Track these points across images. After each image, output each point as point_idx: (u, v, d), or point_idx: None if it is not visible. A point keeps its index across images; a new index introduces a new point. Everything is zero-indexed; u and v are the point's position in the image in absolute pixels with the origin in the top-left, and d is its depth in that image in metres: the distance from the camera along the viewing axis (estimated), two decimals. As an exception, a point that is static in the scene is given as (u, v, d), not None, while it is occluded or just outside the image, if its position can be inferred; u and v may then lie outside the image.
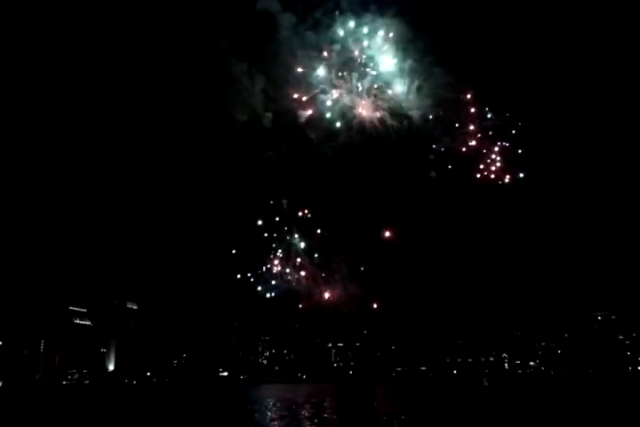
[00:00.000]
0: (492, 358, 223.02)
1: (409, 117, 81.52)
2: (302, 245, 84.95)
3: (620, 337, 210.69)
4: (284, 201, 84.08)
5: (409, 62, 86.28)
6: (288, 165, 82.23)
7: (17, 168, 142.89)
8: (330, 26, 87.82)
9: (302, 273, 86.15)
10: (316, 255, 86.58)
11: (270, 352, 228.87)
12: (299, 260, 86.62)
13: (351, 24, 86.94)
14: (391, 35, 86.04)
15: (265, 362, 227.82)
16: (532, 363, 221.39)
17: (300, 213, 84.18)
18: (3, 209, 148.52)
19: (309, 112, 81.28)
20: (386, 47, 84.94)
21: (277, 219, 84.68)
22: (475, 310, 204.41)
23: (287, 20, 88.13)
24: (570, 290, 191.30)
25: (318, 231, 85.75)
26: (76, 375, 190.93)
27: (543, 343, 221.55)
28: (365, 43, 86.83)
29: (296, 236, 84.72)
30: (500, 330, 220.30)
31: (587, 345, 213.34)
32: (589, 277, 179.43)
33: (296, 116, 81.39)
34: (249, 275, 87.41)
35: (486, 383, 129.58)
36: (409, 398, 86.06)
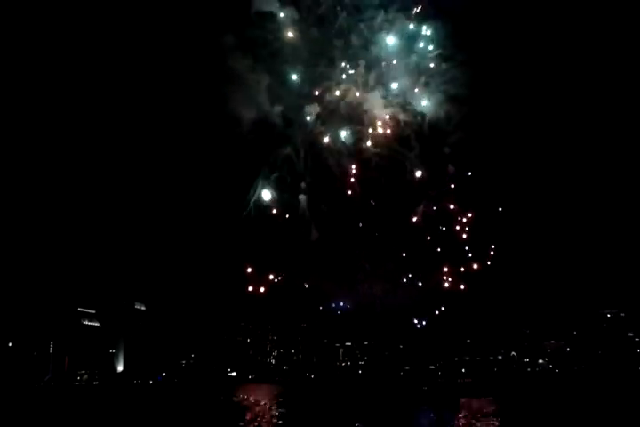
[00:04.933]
0: (500, 357, 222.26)
1: (422, 113, 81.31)
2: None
3: (630, 335, 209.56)
4: (302, 197, 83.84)
5: (414, 58, 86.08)
6: (304, 163, 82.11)
7: (23, 169, 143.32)
8: (332, 21, 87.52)
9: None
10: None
11: (278, 352, 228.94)
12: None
13: (353, 19, 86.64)
14: (395, 29, 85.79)
15: (273, 362, 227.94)
16: (540, 361, 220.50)
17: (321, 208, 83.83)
18: (10, 211, 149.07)
19: (318, 109, 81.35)
20: (391, 42, 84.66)
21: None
22: (483, 308, 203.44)
23: (288, 16, 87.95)
24: (578, 288, 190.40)
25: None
26: (86, 376, 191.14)
27: (552, 341, 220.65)
28: (369, 37, 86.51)
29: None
30: (508, 328, 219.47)
31: (596, 343, 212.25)
32: (598, 274, 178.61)
33: (304, 114, 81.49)
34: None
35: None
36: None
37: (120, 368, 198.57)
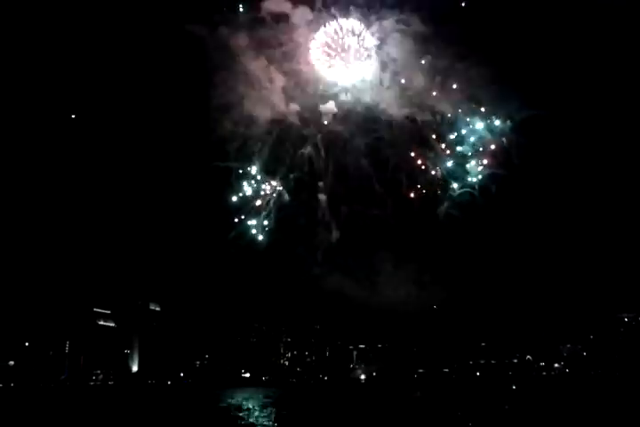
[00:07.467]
0: (515, 360, 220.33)
1: (439, 112, 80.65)
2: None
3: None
4: (322, 196, 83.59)
5: (428, 58, 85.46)
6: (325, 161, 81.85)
7: (33, 171, 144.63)
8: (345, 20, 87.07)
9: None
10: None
11: (292, 353, 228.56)
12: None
13: (367, 18, 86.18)
14: (409, 30, 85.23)
15: (287, 363, 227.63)
16: (556, 365, 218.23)
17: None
18: (26, 212, 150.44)
19: (334, 109, 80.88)
20: (404, 42, 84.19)
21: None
22: (498, 311, 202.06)
23: (301, 16, 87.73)
24: (595, 291, 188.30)
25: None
26: (101, 376, 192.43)
27: (568, 345, 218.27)
28: (382, 37, 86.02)
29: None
30: (523, 332, 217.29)
31: (613, 347, 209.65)
32: (615, 277, 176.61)
33: (320, 114, 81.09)
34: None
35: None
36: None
37: (135, 368, 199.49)
